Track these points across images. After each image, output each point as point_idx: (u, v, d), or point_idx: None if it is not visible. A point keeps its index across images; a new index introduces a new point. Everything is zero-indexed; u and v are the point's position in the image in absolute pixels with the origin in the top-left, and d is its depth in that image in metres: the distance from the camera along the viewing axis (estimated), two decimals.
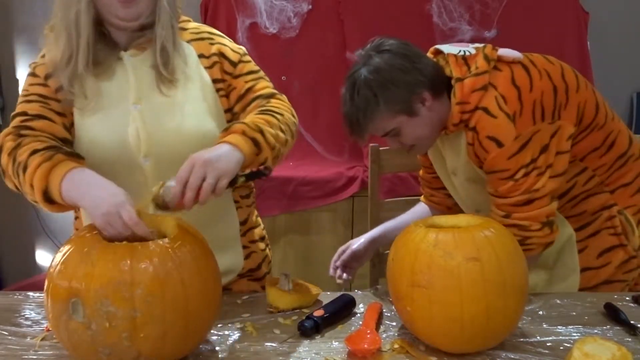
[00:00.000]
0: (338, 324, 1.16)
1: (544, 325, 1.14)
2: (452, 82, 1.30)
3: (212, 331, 1.11)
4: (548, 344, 1.06)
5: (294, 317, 1.18)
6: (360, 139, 1.34)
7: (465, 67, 1.29)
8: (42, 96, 1.20)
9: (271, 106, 1.22)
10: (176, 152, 1.16)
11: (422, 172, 1.61)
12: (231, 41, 1.32)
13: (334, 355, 1.03)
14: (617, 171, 1.37)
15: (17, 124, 1.17)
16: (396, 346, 1.06)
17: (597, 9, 2.71)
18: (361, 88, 1.27)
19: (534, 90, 1.25)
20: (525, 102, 1.24)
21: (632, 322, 1.11)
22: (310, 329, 1.10)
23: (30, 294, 1.30)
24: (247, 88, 1.26)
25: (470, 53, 1.30)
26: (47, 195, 1.05)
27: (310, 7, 2.67)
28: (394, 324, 1.16)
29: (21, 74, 2.89)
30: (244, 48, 1.32)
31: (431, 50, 1.40)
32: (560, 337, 1.09)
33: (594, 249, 1.38)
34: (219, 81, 1.26)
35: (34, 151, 1.08)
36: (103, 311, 0.89)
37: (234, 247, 1.35)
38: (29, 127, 1.16)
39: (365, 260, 1.57)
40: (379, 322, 1.16)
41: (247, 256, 1.38)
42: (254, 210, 1.43)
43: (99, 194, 1.01)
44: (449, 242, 0.99)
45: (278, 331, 1.13)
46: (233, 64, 1.27)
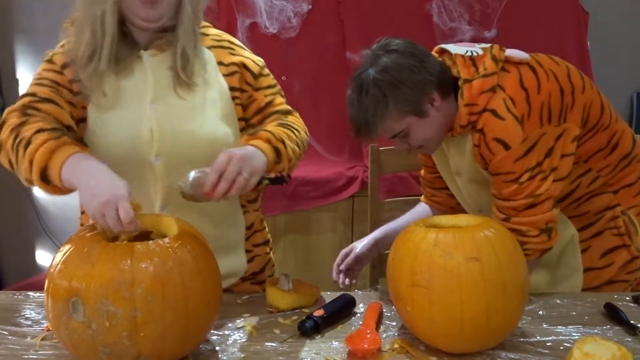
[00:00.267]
0: (338, 323, 1.16)
1: (544, 325, 1.14)
2: (460, 83, 1.28)
3: (212, 331, 1.11)
4: (548, 344, 1.06)
5: (294, 317, 1.18)
6: (368, 140, 1.33)
7: (473, 68, 1.27)
8: (54, 82, 1.20)
9: (289, 122, 1.28)
10: (188, 154, 1.18)
11: (424, 172, 1.59)
12: (251, 52, 1.35)
13: (334, 355, 1.03)
14: (620, 172, 1.37)
15: (24, 102, 1.16)
16: (396, 346, 1.06)
17: (597, 9, 2.71)
18: (370, 88, 1.24)
19: (541, 92, 1.23)
20: (534, 105, 1.22)
21: (632, 322, 1.11)
22: (310, 329, 1.10)
23: (30, 293, 1.30)
24: (267, 102, 1.30)
25: (478, 53, 1.29)
26: (45, 173, 1.05)
27: (310, 7, 2.67)
28: (394, 324, 1.16)
29: (21, 74, 2.88)
30: (262, 60, 1.34)
31: (436, 49, 1.38)
32: (560, 337, 1.09)
33: (597, 249, 1.38)
34: (236, 89, 1.28)
35: (40, 129, 1.08)
36: (103, 311, 0.89)
37: (238, 250, 1.36)
38: (36, 108, 1.15)
39: (367, 262, 1.57)
40: (379, 322, 1.16)
41: (251, 260, 1.38)
42: (259, 215, 1.43)
43: (100, 182, 1.00)
44: (449, 242, 0.99)
45: (278, 331, 1.13)
46: (254, 76, 1.30)
